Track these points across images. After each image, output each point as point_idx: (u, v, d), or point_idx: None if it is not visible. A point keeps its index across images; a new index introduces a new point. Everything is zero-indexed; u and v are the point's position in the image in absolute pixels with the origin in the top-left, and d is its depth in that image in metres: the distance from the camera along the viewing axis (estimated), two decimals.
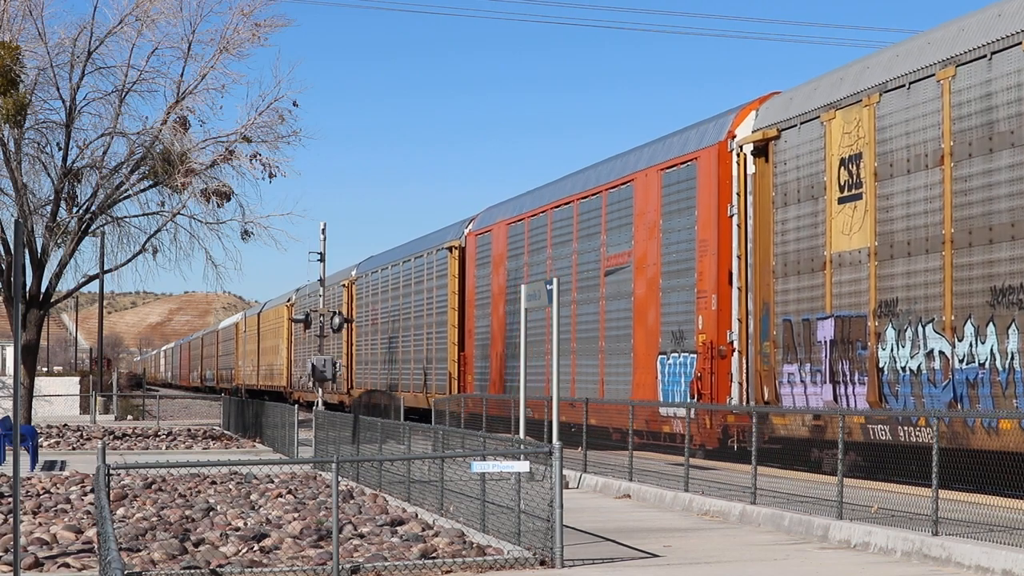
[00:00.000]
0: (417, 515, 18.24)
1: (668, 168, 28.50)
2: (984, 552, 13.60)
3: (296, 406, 31.84)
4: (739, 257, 25.35)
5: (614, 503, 21.30)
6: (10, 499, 19.59)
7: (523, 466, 15.16)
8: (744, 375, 25.21)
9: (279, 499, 20.40)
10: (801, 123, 23.56)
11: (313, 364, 44.45)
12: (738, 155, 25.52)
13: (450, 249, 43.10)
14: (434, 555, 14.53)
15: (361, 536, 16.07)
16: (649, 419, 27.50)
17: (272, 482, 23.29)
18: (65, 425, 46.10)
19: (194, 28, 36.39)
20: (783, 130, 24.15)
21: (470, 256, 41.99)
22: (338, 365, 46.89)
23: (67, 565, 14.30)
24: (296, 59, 55.51)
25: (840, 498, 16.45)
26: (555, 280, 23.57)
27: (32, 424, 34.29)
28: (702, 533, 17.11)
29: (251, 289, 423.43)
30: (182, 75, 36.57)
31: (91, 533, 16.20)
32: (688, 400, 26.33)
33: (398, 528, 16.75)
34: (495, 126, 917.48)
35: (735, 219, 25.53)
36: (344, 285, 58.52)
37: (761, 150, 24.83)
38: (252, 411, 39.84)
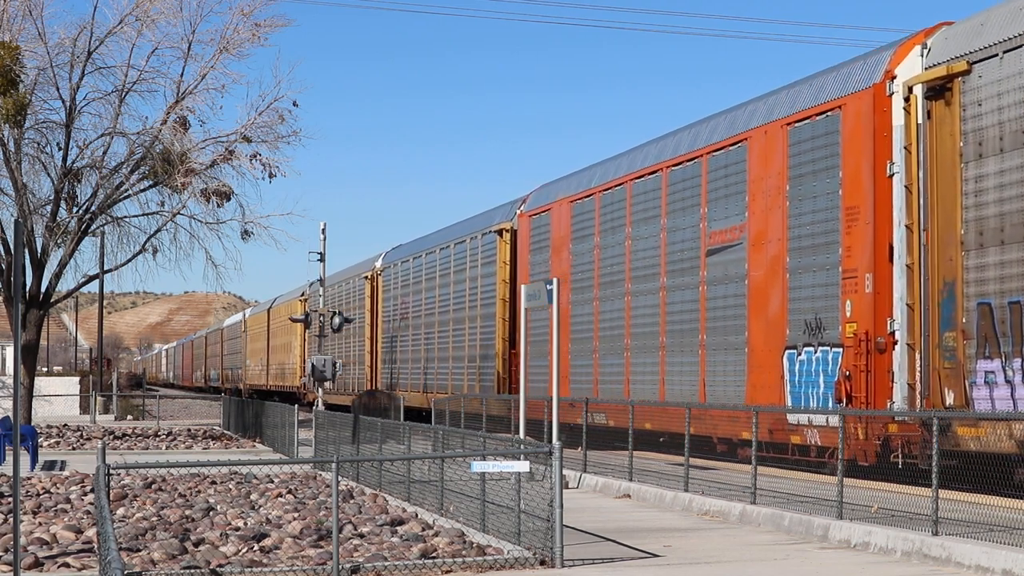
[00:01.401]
0: (417, 515, 18.24)
1: (798, 122, 23.76)
2: (984, 552, 13.60)
3: (296, 406, 31.78)
4: (907, 227, 20.73)
5: (614, 503, 21.29)
6: (10, 499, 19.59)
7: (523, 466, 15.16)
8: (915, 374, 20.51)
9: (279, 499, 20.40)
10: (1004, 52, 18.77)
11: (313, 364, 44.47)
12: (905, 99, 20.78)
13: (499, 232, 38.34)
14: (434, 555, 14.53)
15: (361, 536, 16.07)
16: (773, 428, 22.91)
17: (272, 482, 23.29)
18: (65, 425, 46.11)
19: (194, 28, 36.48)
20: (976, 63, 19.33)
21: (523, 240, 37.04)
22: (338, 365, 46.70)
23: (67, 565, 14.30)
24: (296, 59, 55.74)
25: (840, 498, 16.44)
26: (555, 280, 23.47)
27: (32, 424, 34.29)
28: (702, 533, 17.10)
29: (251, 289, 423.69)
30: (182, 75, 36.66)
31: (91, 533, 16.20)
32: (832, 406, 21.69)
33: (398, 528, 16.75)
34: (495, 126, 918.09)
35: (898, 179, 21.03)
36: (367, 277, 54.37)
37: (938, 91, 20.07)
38: (252, 411, 39.85)
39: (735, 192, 25.81)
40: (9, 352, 69.52)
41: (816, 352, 22.75)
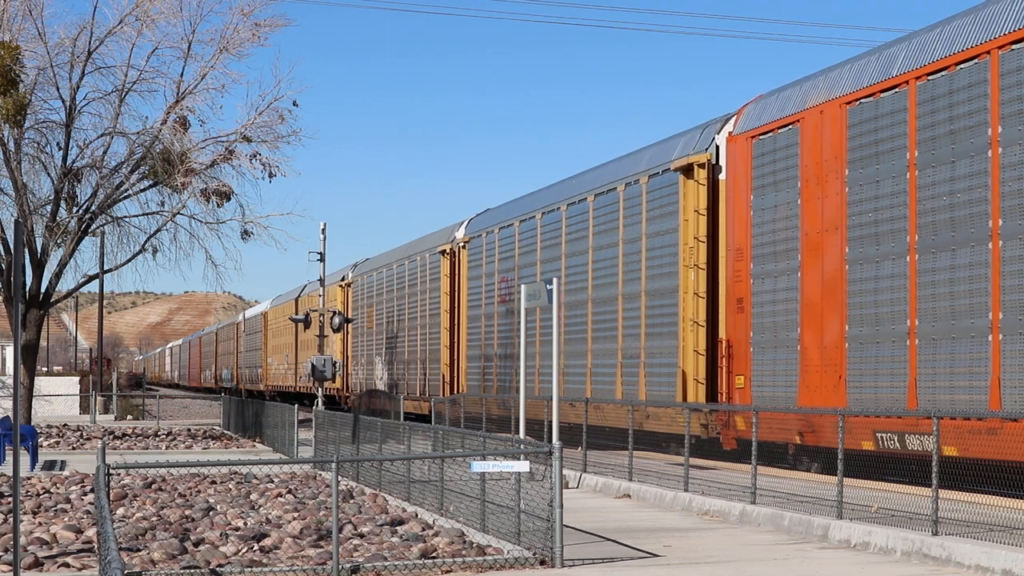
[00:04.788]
0: (417, 515, 18.24)
1: None
2: (984, 552, 13.60)
3: (296, 405, 31.70)
4: None
5: (614, 503, 21.29)
6: (10, 499, 19.59)
7: (523, 466, 15.16)
8: None
9: (279, 499, 20.41)
10: None
11: (313, 364, 44.48)
12: None
13: (684, 171, 27.30)
14: (434, 555, 14.53)
15: (361, 536, 16.08)
16: None
17: (272, 482, 23.29)
18: (65, 425, 46.15)
19: (194, 28, 36.49)
20: None
21: (736, 175, 25.93)
22: (338, 365, 46.63)
23: (67, 565, 14.30)
24: (296, 59, 55.73)
25: (840, 498, 16.44)
26: (555, 280, 23.21)
27: (32, 424, 34.29)
28: (702, 533, 17.11)
29: (251, 289, 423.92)
30: (182, 75, 36.68)
31: (91, 533, 16.20)
32: None
33: (398, 528, 16.76)
34: (495, 126, 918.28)
35: None
36: (443, 252, 43.83)
37: None
38: (252, 411, 39.87)
39: None
40: (9, 352, 69.53)
41: None
